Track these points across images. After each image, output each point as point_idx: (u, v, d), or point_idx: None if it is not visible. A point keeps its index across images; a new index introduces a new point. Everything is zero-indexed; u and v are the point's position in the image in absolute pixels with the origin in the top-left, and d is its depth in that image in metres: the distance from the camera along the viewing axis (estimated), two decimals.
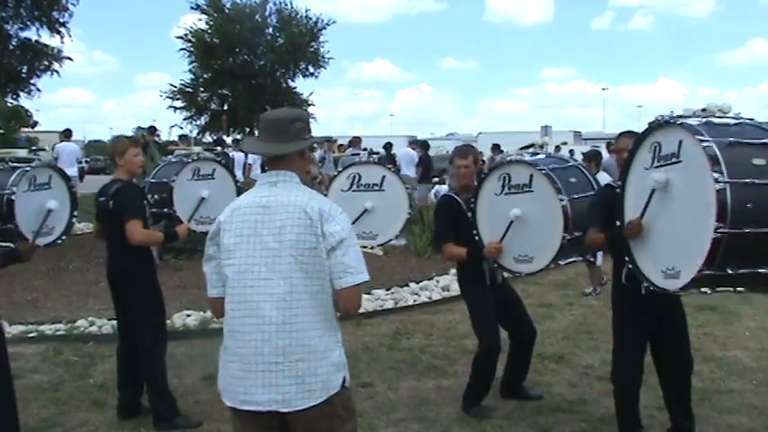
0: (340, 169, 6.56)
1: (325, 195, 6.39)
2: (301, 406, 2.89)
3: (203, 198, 6.06)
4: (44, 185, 5.62)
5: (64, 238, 5.59)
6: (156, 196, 6.21)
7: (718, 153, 3.64)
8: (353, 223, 6.09)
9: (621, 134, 4.85)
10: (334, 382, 2.96)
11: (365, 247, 6.31)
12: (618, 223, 4.38)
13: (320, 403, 2.91)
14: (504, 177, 5.20)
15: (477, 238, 5.35)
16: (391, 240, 6.52)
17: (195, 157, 6.54)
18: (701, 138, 3.72)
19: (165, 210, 6.20)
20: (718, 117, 3.98)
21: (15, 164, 5.63)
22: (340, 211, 3.00)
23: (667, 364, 4.75)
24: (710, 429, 5.08)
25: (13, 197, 5.23)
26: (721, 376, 6.28)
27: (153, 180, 6.53)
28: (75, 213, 5.88)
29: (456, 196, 5.56)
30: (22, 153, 6.11)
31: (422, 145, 19.87)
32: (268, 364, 2.88)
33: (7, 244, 5.18)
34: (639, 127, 4.61)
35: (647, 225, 4.12)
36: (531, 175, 5.02)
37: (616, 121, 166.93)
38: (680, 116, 3.98)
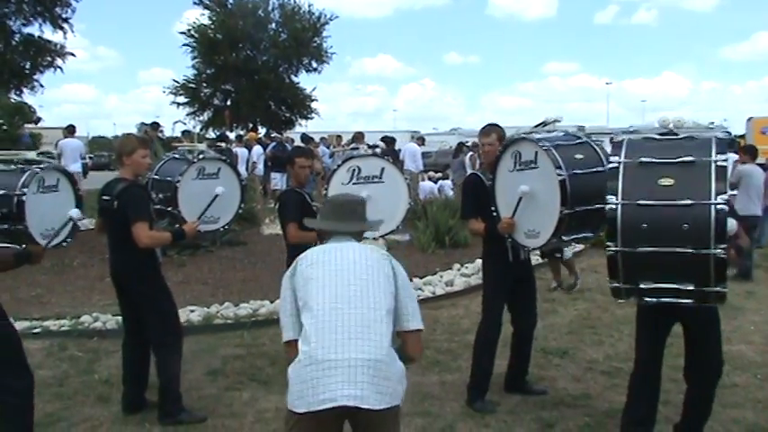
0: (340, 163, 6.59)
1: (326, 189, 6.41)
2: (377, 406, 3.02)
3: (217, 195, 5.97)
4: (52, 188, 5.59)
5: (69, 240, 5.57)
6: (159, 195, 6.15)
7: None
8: None
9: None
10: (400, 390, 3.18)
11: (367, 239, 6.31)
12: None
13: (392, 407, 3.10)
14: (516, 155, 5.23)
15: (495, 213, 5.41)
16: (393, 231, 6.57)
17: (201, 157, 6.49)
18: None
19: (169, 209, 6.16)
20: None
21: (23, 165, 5.59)
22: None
23: (693, 365, 4.67)
24: (715, 424, 5.07)
25: (23, 198, 5.19)
26: (725, 371, 6.20)
27: (156, 177, 6.45)
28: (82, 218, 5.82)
29: (481, 174, 5.65)
30: (31, 155, 6.11)
31: (387, 141, 19.89)
32: (350, 361, 3.05)
33: (12, 245, 5.18)
34: (644, 121, 4.69)
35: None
36: (536, 152, 5.05)
37: (619, 116, 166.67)
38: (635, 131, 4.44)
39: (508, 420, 5.29)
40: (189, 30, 36.80)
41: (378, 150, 8.63)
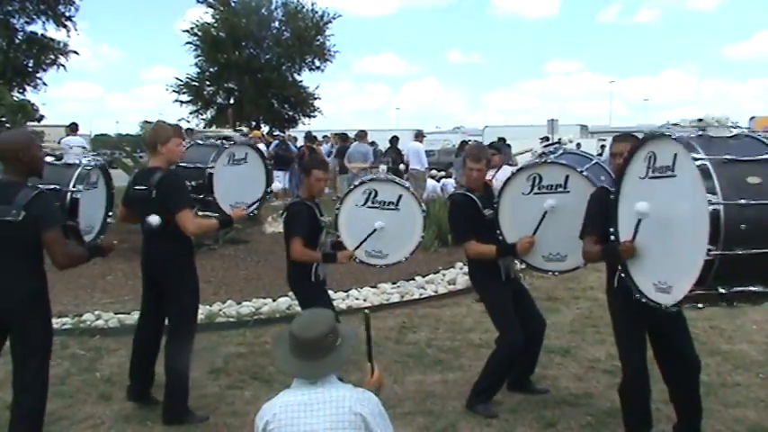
0: (357, 183, 6.32)
1: (338, 210, 6.14)
2: None
3: (270, 191, 6.34)
4: (94, 185, 5.55)
5: (102, 237, 5.55)
6: (191, 182, 5.92)
7: (712, 171, 3.60)
8: (363, 243, 5.96)
9: (617, 138, 4.81)
10: None
11: (373, 266, 6.19)
12: (612, 230, 4.36)
13: None
14: (535, 178, 5.17)
15: (500, 237, 5.33)
16: (401, 262, 6.32)
17: (232, 142, 6.41)
18: (695, 155, 3.67)
19: (203, 196, 6.06)
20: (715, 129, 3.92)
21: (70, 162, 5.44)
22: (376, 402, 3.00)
23: (671, 366, 4.69)
24: (717, 423, 5.07)
25: (77, 196, 5.11)
26: (728, 370, 6.27)
27: (183, 164, 6.06)
28: (110, 214, 5.80)
29: (470, 194, 5.51)
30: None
31: (341, 137, 19.92)
32: None
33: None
34: (646, 120, 4.63)
35: (640, 242, 4.09)
36: (567, 176, 5.00)
37: (622, 115, 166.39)
38: (675, 125, 4.01)
39: (510, 419, 5.28)
40: (192, 28, 36.86)
41: (382, 166, 8.46)
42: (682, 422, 4.79)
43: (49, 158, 5.20)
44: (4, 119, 14.00)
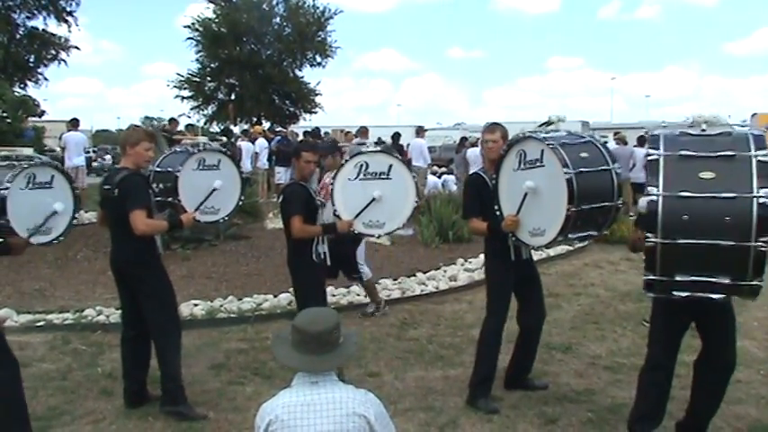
0: (347, 158, 6.52)
1: (332, 185, 6.36)
2: None
3: (215, 189, 6.05)
4: (45, 184, 5.62)
5: (62, 238, 5.62)
6: (160, 185, 6.20)
7: (661, 165, 4.12)
8: (361, 213, 6.10)
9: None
10: None
11: (372, 236, 6.30)
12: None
13: None
14: (521, 153, 5.21)
15: (498, 213, 5.38)
16: (398, 229, 6.50)
17: (201, 148, 6.51)
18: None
19: (170, 199, 6.18)
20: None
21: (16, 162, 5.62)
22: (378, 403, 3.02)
23: (706, 359, 4.65)
24: (718, 420, 5.06)
25: (5, 192, 5.21)
26: None
27: (158, 169, 6.49)
28: (76, 216, 5.92)
29: (483, 173, 5.60)
30: (28, 151, 6.07)
31: (394, 136, 19.85)
32: None
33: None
34: (647, 116, 4.71)
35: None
36: (542, 150, 5.04)
37: (623, 111, 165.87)
38: (665, 127, 4.44)
39: (511, 415, 5.28)
40: (193, 23, 36.76)
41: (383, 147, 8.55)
42: (691, 418, 4.77)
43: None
44: (5, 114, 13.94)
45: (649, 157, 4.18)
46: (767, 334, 7.26)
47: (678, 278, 4.06)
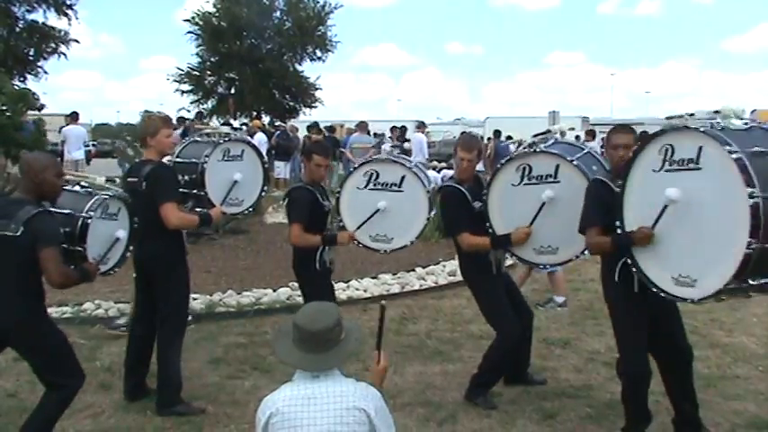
0: (356, 166, 6.12)
1: (339, 194, 5.96)
2: None
3: (236, 181, 5.98)
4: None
5: (117, 270, 5.28)
6: (185, 177, 5.93)
7: (747, 163, 3.52)
8: (364, 224, 5.71)
9: (615, 129, 4.69)
10: None
11: (377, 251, 5.95)
12: (618, 223, 4.29)
13: None
14: (524, 168, 5.05)
15: (490, 230, 5.26)
16: (407, 246, 5.98)
17: (227, 138, 6.39)
18: (729, 148, 3.59)
19: (195, 191, 6.00)
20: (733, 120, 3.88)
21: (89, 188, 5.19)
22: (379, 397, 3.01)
23: (664, 353, 4.67)
24: (716, 416, 5.07)
25: (89, 221, 4.78)
26: (727, 362, 6.27)
27: (179, 159, 6.21)
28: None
29: (459, 186, 5.41)
30: (101, 180, 6.01)
31: (397, 130, 19.83)
32: None
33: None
34: (647, 112, 4.59)
35: (658, 231, 4.02)
36: (558, 166, 4.89)
37: (623, 107, 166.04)
38: (692, 116, 3.94)
39: (510, 411, 5.28)
40: (193, 17, 36.73)
41: (386, 145, 8.39)
42: (679, 414, 4.78)
43: (69, 187, 5.02)
44: (5, 107, 13.92)
45: (733, 156, 3.57)
46: (766, 330, 7.25)
47: (752, 282, 3.70)
